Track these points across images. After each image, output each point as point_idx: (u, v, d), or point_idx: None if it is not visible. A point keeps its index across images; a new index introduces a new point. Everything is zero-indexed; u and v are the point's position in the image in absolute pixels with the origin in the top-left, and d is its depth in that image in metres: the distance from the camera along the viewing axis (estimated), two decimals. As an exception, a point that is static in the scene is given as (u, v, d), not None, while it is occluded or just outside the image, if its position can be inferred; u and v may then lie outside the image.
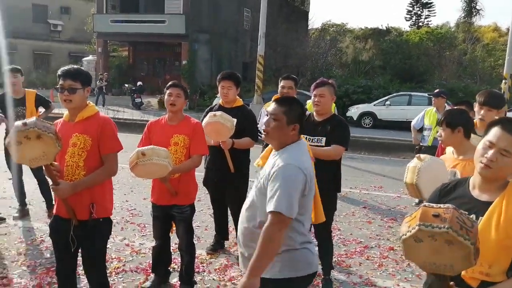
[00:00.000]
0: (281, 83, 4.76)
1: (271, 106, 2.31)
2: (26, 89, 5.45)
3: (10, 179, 5.94)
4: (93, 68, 25.36)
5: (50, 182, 2.78)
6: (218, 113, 3.94)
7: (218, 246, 4.65)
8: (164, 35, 23.27)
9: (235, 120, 4.07)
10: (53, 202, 5.14)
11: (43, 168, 2.69)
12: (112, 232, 4.87)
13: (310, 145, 3.62)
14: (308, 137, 3.71)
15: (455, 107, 4.21)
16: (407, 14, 45.12)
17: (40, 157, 2.50)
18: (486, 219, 1.82)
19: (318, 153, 3.53)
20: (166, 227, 3.71)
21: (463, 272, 1.82)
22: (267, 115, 2.32)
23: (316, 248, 2.94)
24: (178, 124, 3.55)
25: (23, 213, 5.53)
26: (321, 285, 3.92)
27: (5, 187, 6.59)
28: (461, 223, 1.52)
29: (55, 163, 2.73)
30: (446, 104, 6.88)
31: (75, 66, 2.90)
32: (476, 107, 3.25)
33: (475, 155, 1.90)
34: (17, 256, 4.37)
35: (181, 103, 3.53)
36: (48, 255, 4.37)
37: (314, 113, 3.84)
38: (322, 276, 3.94)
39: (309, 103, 6.47)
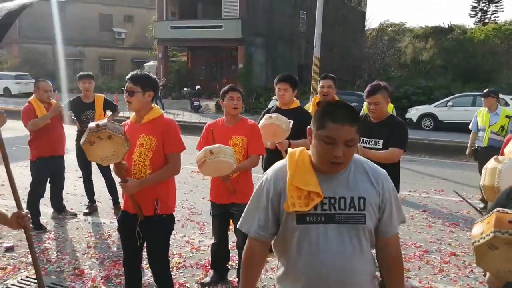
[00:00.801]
0: (320, 83, 4.78)
1: (340, 129, 1.66)
2: (95, 93, 5.82)
3: (80, 177, 6.35)
4: (153, 73, 26.40)
5: (118, 180, 2.98)
6: (274, 115, 4.01)
7: None
8: (221, 40, 23.77)
9: (291, 121, 4.13)
10: (119, 200, 5.49)
11: (113, 166, 2.90)
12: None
13: (366, 147, 3.60)
14: (364, 139, 3.67)
15: None
16: (471, 10, 43.06)
17: (111, 156, 2.70)
18: None
19: (376, 156, 3.42)
20: (225, 225, 3.83)
21: None
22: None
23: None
24: (235, 125, 3.66)
25: (92, 209, 5.91)
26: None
27: (75, 185, 7.06)
28: None
29: (124, 162, 2.92)
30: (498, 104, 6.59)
31: (142, 72, 3.09)
32: None
33: None
34: (87, 249, 4.68)
35: (241, 105, 3.65)
36: (115, 249, 4.64)
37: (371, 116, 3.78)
38: (380, 279, 3.89)
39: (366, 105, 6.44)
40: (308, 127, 1.79)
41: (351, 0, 29.68)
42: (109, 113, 5.96)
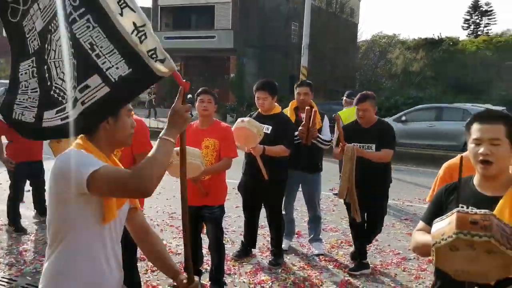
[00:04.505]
0: (296, 90, 4.74)
1: None
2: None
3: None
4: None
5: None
6: (246, 119, 4.01)
7: (243, 253, 4.59)
8: (213, 50, 23.96)
9: (269, 127, 4.14)
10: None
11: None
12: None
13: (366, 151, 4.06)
14: (357, 144, 4.02)
15: None
16: (464, 23, 43.61)
17: None
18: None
19: (372, 155, 3.99)
20: (197, 228, 3.83)
21: None
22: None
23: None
24: (208, 128, 3.69)
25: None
26: None
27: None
28: (501, 231, 1.42)
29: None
30: None
31: None
32: None
33: (472, 161, 1.82)
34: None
35: (212, 108, 3.67)
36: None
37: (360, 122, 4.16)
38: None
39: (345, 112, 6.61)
40: None
41: (343, 11, 29.93)
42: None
